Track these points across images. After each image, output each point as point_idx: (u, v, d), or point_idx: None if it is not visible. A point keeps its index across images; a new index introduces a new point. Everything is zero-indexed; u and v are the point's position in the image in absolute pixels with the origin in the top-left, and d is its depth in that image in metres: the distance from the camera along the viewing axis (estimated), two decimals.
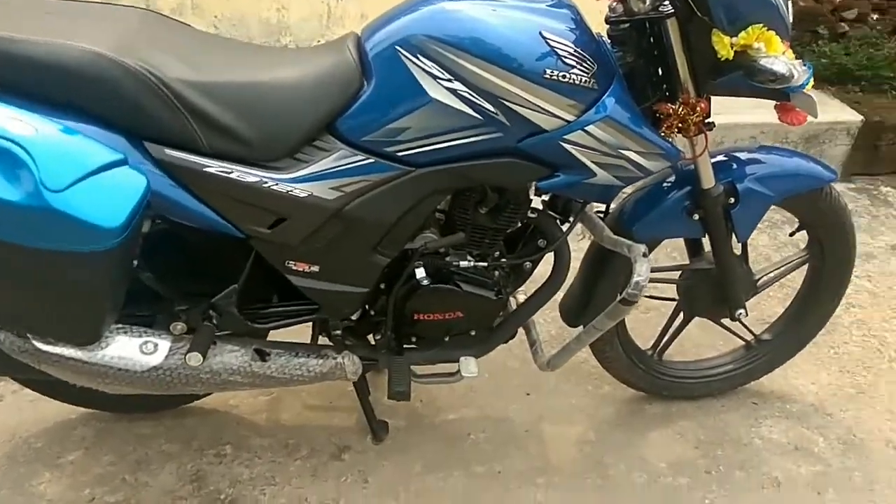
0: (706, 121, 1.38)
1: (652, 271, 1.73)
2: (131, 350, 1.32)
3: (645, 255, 1.40)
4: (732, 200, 1.50)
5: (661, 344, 1.83)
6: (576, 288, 1.69)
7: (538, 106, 1.23)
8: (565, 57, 1.21)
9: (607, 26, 1.35)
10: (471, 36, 1.21)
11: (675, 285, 1.74)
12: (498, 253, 1.50)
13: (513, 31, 1.21)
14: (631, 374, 1.81)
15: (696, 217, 1.52)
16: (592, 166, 1.30)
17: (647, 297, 1.82)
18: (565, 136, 1.26)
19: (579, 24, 1.27)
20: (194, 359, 1.31)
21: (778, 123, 3.06)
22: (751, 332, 1.85)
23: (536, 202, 1.50)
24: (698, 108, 1.30)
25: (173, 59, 1.20)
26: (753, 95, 1.41)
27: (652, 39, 1.34)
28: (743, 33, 1.21)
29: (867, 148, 3.03)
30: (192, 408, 1.79)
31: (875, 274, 2.46)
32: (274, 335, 1.50)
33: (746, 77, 1.22)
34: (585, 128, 1.25)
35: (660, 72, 1.36)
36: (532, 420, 1.83)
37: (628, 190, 1.51)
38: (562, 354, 1.58)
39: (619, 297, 1.42)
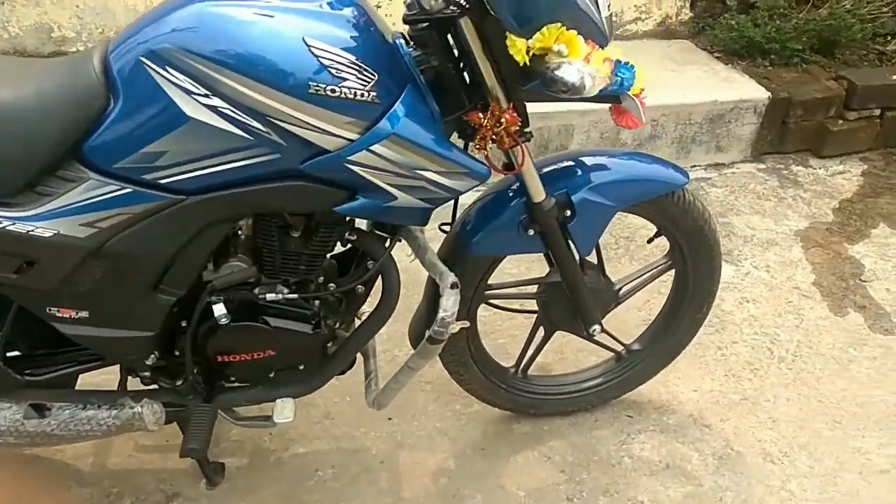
0: (524, 130, 1.23)
1: (509, 286, 1.63)
2: None
3: (454, 287, 1.25)
4: (568, 213, 1.36)
5: (525, 361, 1.70)
6: (422, 309, 1.55)
7: (311, 125, 1.07)
8: (334, 68, 1.05)
9: (407, 27, 1.19)
10: (224, 46, 1.04)
11: (538, 297, 1.61)
12: (323, 279, 1.35)
13: (272, 40, 1.04)
14: (493, 395, 1.68)
15: (532, 232, 1.37)
16: (389, 189, 1.15)
17: (507, 310, 1.70)
18: (349, 158, 1.10)
19: (360, 26, 1.10)
20: None
21: (679, 106, 2.95)
22: (620, 342, 1.73)
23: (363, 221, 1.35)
24: (503, 119, 1.15)
25: None
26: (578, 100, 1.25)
27: (458, 41, 1.17)
28: (538, 35, 1.06)
29: (776, 125, 2.91)
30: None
31: (774, 263, 2.36)
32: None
33: (542, 86, 1.07)
34: (370, 147, 1.09)
35: (471, 77, 1.20)
36: (389, 449, 1.70)
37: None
38: (385, 393, 1.44)
39: (426, 335, 1.28)
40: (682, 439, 1.75)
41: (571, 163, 1.41)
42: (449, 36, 1.18)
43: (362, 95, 1.06)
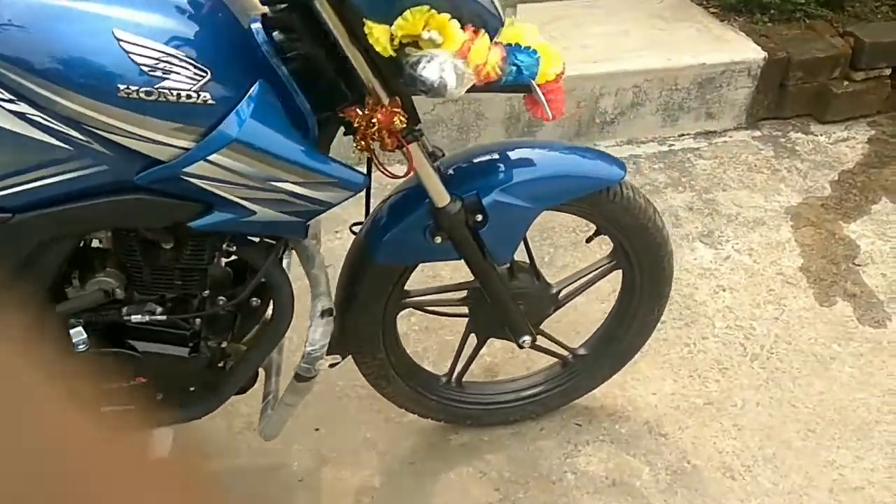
0: (414, 128, 1.05)
1: (432, 291, 1.48)
2: None
3: (326, 314, 1.10)
4: (479, 218, 1.19)
5: (458, 369, 1.55)
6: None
7: (131, 133, 0.91)
8: (149, 65, 0.88)
9: (266, 8, 1.01)
10: (25, 44, 0.88)
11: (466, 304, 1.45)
12: (210, 293, 1.20)
13: (77, 35, 0.88)
14: (421, 407, 1.54)
15: (440, 240, 1.20)
16: (243, 202, 0.99)
17: (439, 314, 1.55)
18: (185, 169, 0.94)
19: (194, 12, 0.93)
20: None
21: (664, 70, 2.70)
22: (564, 346, 1.57)
23: None
24: (375, 118, 0.97)
25: None
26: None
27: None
28: (400, 20, 0.87)
29: (773, 88, 2.66)
30: None
31: (758, 246, 2.15)
32: None
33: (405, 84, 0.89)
34: (208, 158, 0.93)
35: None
36: (312, 464, 1.57)
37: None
38: (272, 424, 1.30)
39: (294, 373, 1.13)
40: (634, 451, 1.59)
41: (488, 159, 1.23)
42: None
43: (189, 97, 0.90)
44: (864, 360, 1.80)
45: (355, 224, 1.33)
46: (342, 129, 1.10)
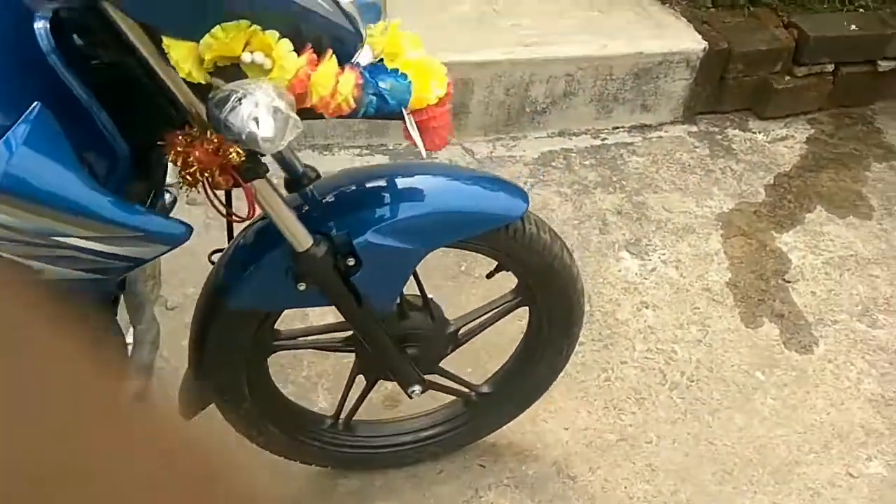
0: (259, 162, 0.84)
1: (311, 332, 1.29)
2: None
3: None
4: (352, 262, 0.99)
5: (346, 411, 1.37)
6: (189, 371, 1.19)
7: None
8: None
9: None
10: None
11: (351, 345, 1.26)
12: None
13: None
14: (303, 454, 1.37)
15: (304, 286, 1.00)
16: (18, 259, 0.77)
17: (324, 349, 1.36)
18: None
19: None
20: None
21: (599, 58, 2.51)
22: (466, 384, 1.40)
23: None
24: (192, 156, 0.76)
25: None
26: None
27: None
28: (209, 38, 0.66)
29: (713, 81, 2.51)
30: None
31: (686, 257, 2.02)
32: None
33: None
34: None
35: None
36: None
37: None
38: None
39: None
40: (540, 497, 1.46)
41: (368, 187, 1.03)
42: None
43: None
44: (787, 391, 1.70)
45: (215, 252, 1.12)
46: None
